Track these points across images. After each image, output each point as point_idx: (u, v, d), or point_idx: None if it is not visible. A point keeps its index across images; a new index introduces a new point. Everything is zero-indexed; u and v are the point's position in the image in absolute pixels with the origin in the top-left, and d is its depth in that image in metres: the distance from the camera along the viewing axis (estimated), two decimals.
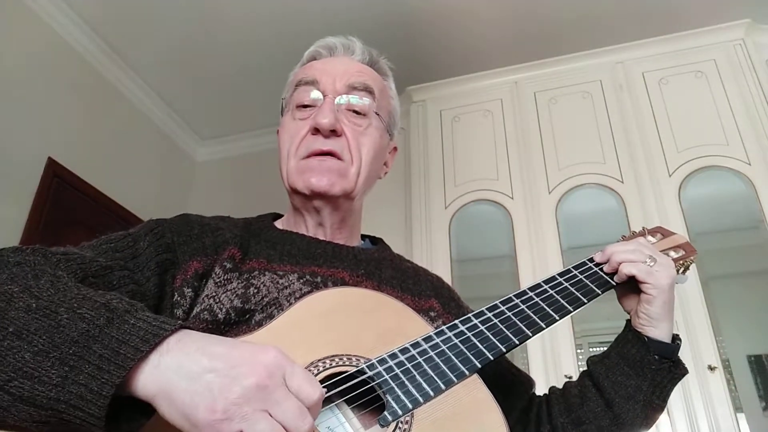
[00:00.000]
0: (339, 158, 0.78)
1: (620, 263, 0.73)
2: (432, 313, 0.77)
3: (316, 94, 0.80)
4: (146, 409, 0.45)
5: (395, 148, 0.93)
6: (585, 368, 0.78)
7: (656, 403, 0.71)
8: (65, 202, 2.55)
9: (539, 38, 2.74)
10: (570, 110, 2.57)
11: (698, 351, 1.98)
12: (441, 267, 2.36)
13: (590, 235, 2.48)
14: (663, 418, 2.03)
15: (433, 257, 2.40)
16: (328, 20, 2.65)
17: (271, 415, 0.43)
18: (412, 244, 2.47)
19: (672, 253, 0.81)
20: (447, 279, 2.33)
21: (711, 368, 1.94)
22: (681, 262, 0.80)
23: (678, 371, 0.72)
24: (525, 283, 2.23)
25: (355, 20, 2.66)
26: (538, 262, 2.27)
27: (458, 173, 2.59)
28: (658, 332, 0.71)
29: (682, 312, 2.05)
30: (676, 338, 0.73)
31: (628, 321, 0.75)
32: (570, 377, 2.02)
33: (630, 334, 0.73)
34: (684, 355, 2.14)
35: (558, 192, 2.41)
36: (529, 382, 0.83)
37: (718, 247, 2.51)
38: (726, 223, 2.49)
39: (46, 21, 2.57)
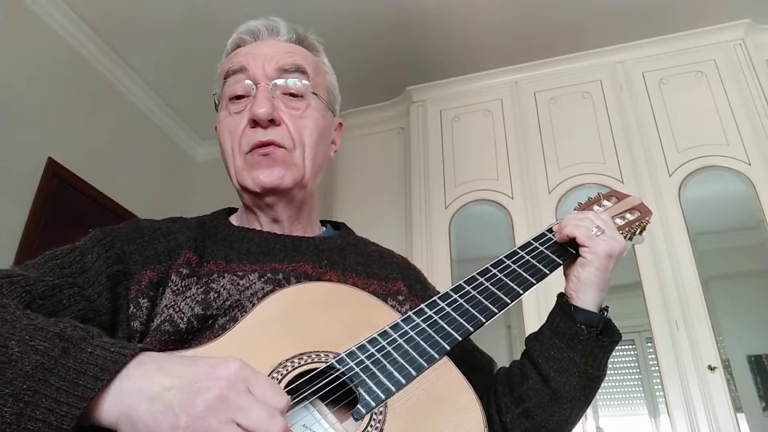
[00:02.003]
0: (281, 146, 0.75)
1: (565, 227, 0.73)
2: (400, 297, 0.76)
3: (247, 83, 0.77)
4: None
5: (341, 124, 0.89)
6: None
7: (591, 373, 0.70)
8: (65, 202, 2.55)
9: (539, 38, 2.74)
10: (570, 110, 2.57)
11: (698, 351, 1.98)
12: (441, 267, 2.36)
13: None
14: (663, 418, 2.03)
15: (433, 257, 2.40)
16: (328, 23, 2.65)
17: (239, 425, 0.42)
18: (412, 244, 2.47)
19: (628, 216, 0.81)
20: (447, 279, 2.33)
21: (711, 368, 1.94)
22: (637, 223, 0.80)
23: (606, 339, 0.71)
24: None
25: (356, 21, 2.66)
26: None
27: (458, 173, 2.59)
28: (585, 299, 0.71)
29: (682, 312, 2.05)
30: (605, 310, 0.73)
31: (559, 295, 0.75)
32: None
33: (558, 308, 0.73)
34: (684, 355, 2.12)
35: (558, 192, 2.41)
36: (491, 364, 0.82)
37: (718, 247, 2.51)
38: (726, 223, 2.50)
39: (46, 21, 2.57)
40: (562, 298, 0.74)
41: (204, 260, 0.70)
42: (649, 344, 2.09)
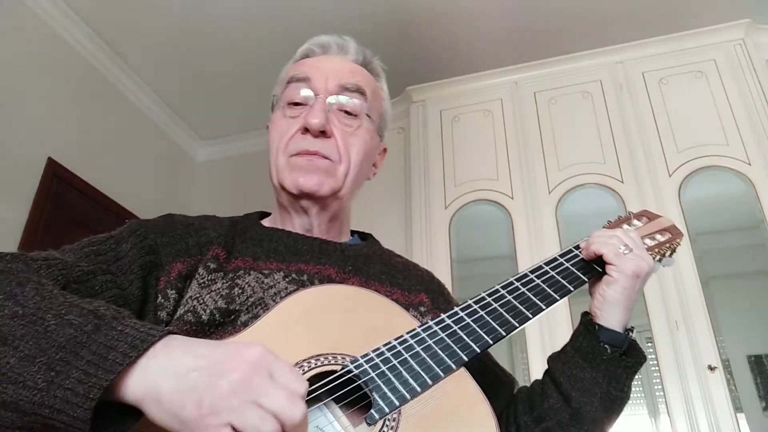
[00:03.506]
0: (327, 158, 0.78)
1: (592, 244, 0.73)
2: (422, 308, 0.77)
3: (307, 93, 0.80)
4: (129, 418, 0.45)
5: (385, 150, 0.92)
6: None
7: (614, 394, 0.69)
8: (65, 202, 2.55)
9: (539, 38, 2.74)
10: (570, 110, 2.57)
11: (698, 351, 1.98)
12: (441, 267, 2.36)
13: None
14: (663, 418, 2.03)
15: (433, 257, 2.40)
16: (329, 20, 2.65)
17: (261, 406, 0.42)
18: (412, 244, 2.47)
19: (658, 237, 0.80)
20: (447, 279, 2.33)
21: (711, 368, 1.94)
22: (667, 245, 0.79)
23: (630, 360, 0.70)
24: None
25: (355, 20, 2.66)
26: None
27: (458, 173, 2.58)
28: (610, 318, 0.70)
29: (682, 312, 2.05)
30: (630, 330, 0.72)
31: (583, 314, 0.74)
32: None
33: (581, 327, 0.73)
34: (684, 355, 2.11)
35: (558, 192, 2.41)
36: (512, 383, 0.82)
37: (718, 247, 2.51)
38: (726, 223, 2.49)
39: (46, 21, 2.57)
40: (586, 316, 0.73)
41: (232, 256, 0.72)
42: (649, 344, 2.09)
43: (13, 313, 0.47)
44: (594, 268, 0.73)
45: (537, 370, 2.10)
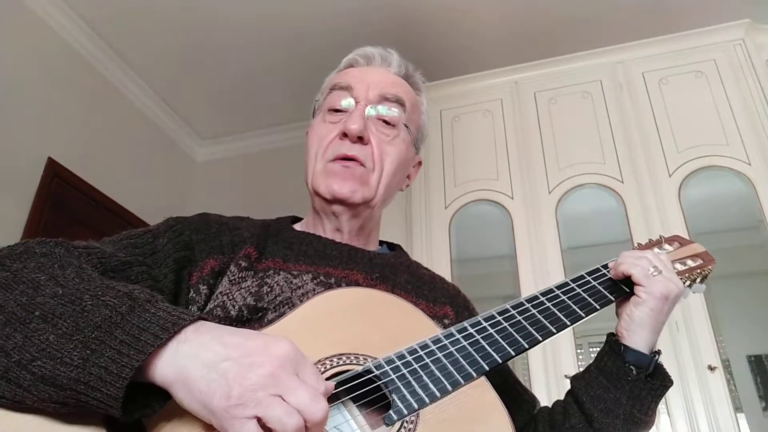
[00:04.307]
0: (362, 165, 0.79)
1: (621, 264, 0.73)
2: (446, 321, 0.77)
3: (348, 101, 0.82)
4: (160, 397, 0.47)
5: (420, 163, 0.94)
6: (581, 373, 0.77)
7: (638, 417, 0.68)
8: (65, 202, 2.55)
9: (539, 38, 2.74)
10: (570, 110, 2.57)
11: (698, 351, 1.98)
12: (441, 267, 2.36)
13: (590, 235, 2.48)
14: (663, 418, 2.03)
15: (433, 257, 2.40)
16: (328, 21, 2.65)
17: (285, 401, 0.44)
18: (412, 244, 2.47)
19: (689, 262, 0.80)
20: (447, 279, 2.33)
21: (711, 368, 1.94)
22: (698, 271, 0.79)
23: (656, 383, 0.70)
24: (525, 282, 2.23)
25: (355, 22, 2.66)
26: (538, 262, 2.27)
27: (458, 173, 2.58)
28: (636, 340, 0.70)
29: (682, 312, 2.05)
30: (657, 353, 0.71)
31: (609, 334, 0.74)
32: (569, 377, 2.01)
33: (607, 346, 0.72)
34: (684, 355, 2.11)
35: (558, 192, 2.41)
36: (533, 402, 0.82)
37: (718, 247, 2.49)
38: (726, 223, 2.49)
39: (47, 21, 2.57)
40: (612, 336, 0.73)
41: (263, 257, 0.74)
42: None
43: (54, 293, 0.49)
44: (621, 288, 0.72)
45: (537, 369, 2.10)
